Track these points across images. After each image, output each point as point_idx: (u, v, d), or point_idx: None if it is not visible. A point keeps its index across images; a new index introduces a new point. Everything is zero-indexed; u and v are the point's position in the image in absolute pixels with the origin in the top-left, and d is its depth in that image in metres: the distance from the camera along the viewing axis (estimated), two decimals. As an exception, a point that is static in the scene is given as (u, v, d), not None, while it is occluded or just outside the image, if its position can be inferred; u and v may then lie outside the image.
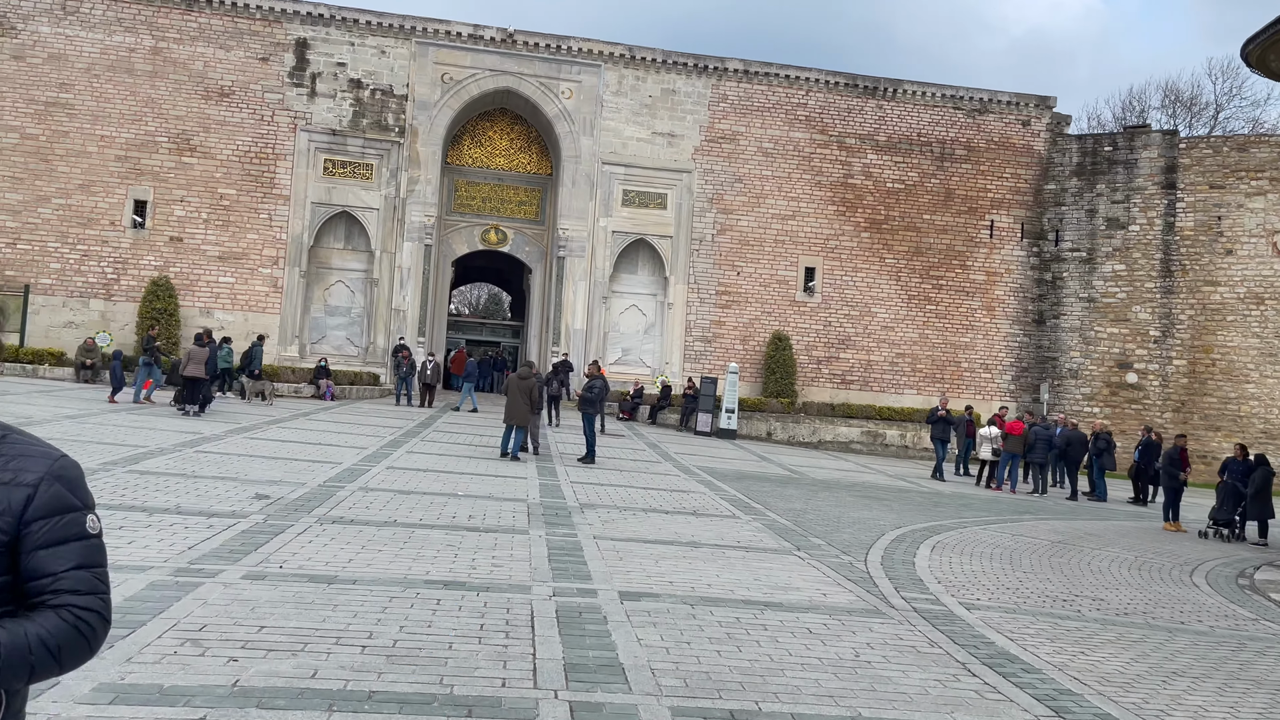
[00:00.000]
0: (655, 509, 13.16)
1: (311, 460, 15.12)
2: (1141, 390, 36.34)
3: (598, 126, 35.44)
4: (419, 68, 34.41)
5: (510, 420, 17.28)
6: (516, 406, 17.06)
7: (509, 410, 17.28)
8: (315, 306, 34.35)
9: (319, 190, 33.78)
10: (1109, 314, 36.94)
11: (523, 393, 17.14)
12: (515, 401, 17.08)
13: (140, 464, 13.09)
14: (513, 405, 17.16)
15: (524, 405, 17.18)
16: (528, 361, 18.52)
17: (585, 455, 18.35)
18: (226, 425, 19.07)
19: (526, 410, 17.32)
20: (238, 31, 33.47)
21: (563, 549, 9.52)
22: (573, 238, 35.23)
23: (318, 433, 19.46)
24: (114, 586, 6.42)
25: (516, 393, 17.12)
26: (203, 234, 32.89)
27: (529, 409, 17.41)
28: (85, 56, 32.50)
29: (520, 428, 17.38)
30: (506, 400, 17.59)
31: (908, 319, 37.38)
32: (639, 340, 36.49)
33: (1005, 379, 37.91)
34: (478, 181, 36.72)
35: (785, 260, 36.70)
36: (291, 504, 11.00)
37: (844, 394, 36.44)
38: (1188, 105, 53.17)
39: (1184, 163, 36.21)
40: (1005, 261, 38.02)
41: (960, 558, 11.58)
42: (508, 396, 17.51)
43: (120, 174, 32.41)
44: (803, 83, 37.02)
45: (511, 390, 17.28)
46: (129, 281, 32.21)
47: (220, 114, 33.18)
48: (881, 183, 37.40)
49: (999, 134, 38.13)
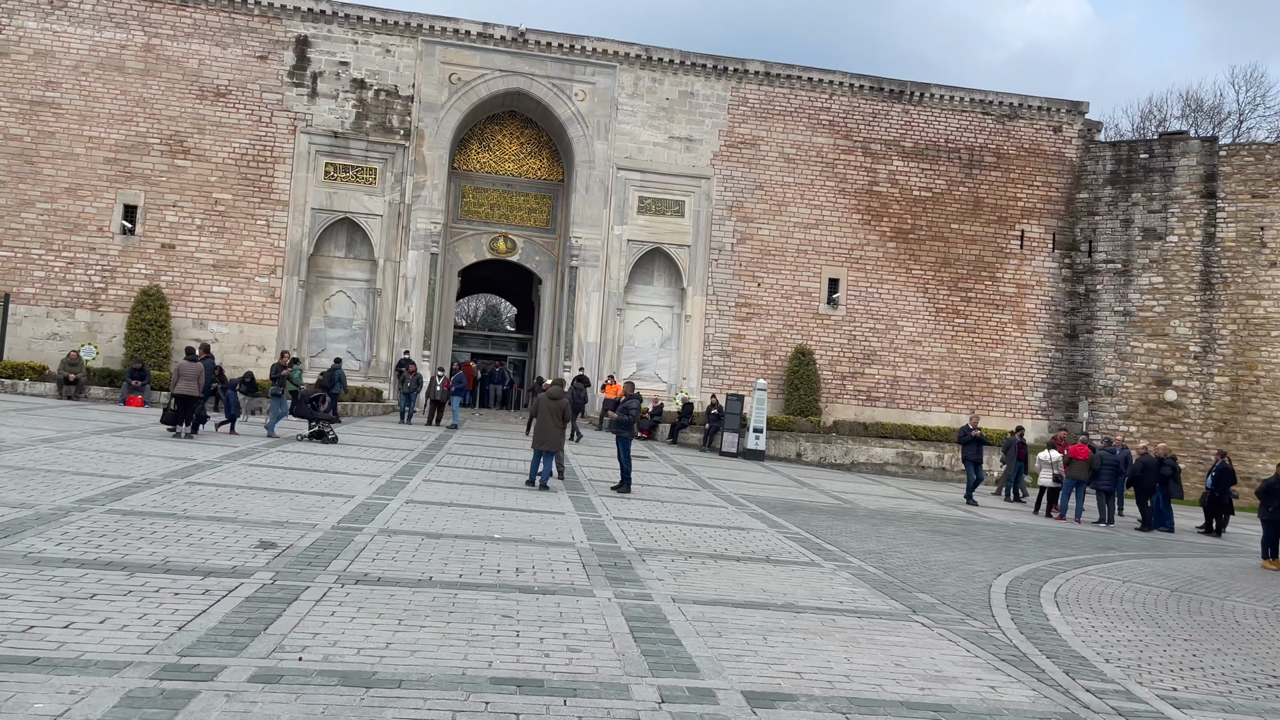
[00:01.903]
0: (722, 554, 11.36)
1: (320, 493, 13.29)
2: (1181, 409, 34.67)
3: (612, 130, 33.76)
4: (425, 67, 32.72)
5: (541, 445, 15.44)
6: (548, 430, 15.25)
7: (539, 434, 15.45)
8: (315, 318, 32.54)
9: (319, 195, 32.01)
10: (1146, 328, 35.30)
11: (554, 415, 15.32)
12: (546, 424, 15.25)
13: (124, 500, 11.26)
14: (544, 428, 15.34)
15: (557, 428, 15.36)
16: (558, 380, 16.67)
17: (620, 484, 16.54)
18: (221, 449, 17.22)
19: (560, 434, 15.50)
20: (235, 28, 31.74)
21: (644, 620, 7.72)
22: (586, 246, 33.50)
23: (322, 457, 17.61)
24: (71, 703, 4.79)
25: (548, 415, 15.29)
26: (196, 241, 31.06)
27: (562, 432, 15.59)
28: (73, 53, 30.73)
29: (550, 453, 15.55)
30: (536, 423, 15.76)
31: (935, 333, 35.70)
32: (654, 354, 34.73)
33: (1036, 396, 36.24)
34: (486, 188, 34.98)
35: (808, 271, 35.01)
36: (303, 555, 9.19)
37: (869, 411, 34.73)
38: (1210, 114, 51.76)
39: (1224, 170, 34.66)
40: (1036, 273, 36.40)
41: (1094, 617, 9.81)
42: (537, 418, 15.67)
43: (109, 177, 30.60)
44: (826, 86, 35.42)
45: (542, 412, 15.45)
46: (117, 291, 30.36)
47: (216, 115, 31.41)
48: (908, 190, 35.77)
49: (1029, 140, 36.56)
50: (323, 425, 20.06)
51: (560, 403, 15.57)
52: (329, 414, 20.68)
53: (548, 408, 15.39)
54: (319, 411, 20.34)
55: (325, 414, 20.45)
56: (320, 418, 20.15)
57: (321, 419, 20.16)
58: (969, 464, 23.07)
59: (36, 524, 9.46)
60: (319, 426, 20.04)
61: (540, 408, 15.57)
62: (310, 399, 20.36)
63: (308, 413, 20.16)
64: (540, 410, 15.52)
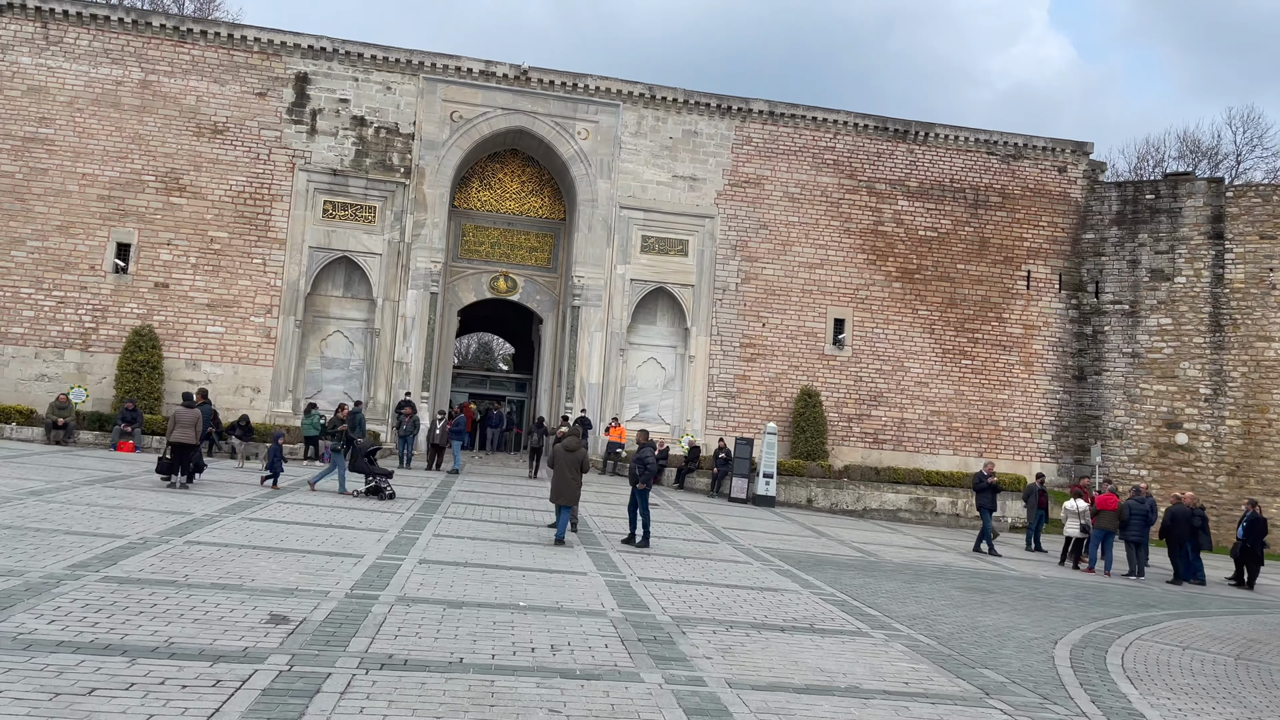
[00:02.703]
0: (764, 623, 10.62)
1: (328, 552, 12.51)
2: (1192, 452, 34.12)
3: (615, 169, 33.33)
4: (427, 105, 32.27)
5: (559, 499, 14.69)
6: (566, 482, 14.51)
7: (557, 487, 14.71)
8: (311, 358, 31.76)
9: (317, 234, 31.38)
10: (1155, 370, 34.84)
11: (572, 466, 14.59)
12: (565, 477, 14.51)
13: (120, 564, 10.47)
14: (562, 481, 14.59)
15: (574, 481, 14.62)
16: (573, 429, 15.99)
17: (640, 539, 15.74)
18: (220, 501, 16.40)
19: (577, 486, 14.75)
20: (234, 65, 31.27)
21: (704, 714, 6.97)
22: (589, 286, 32.92)
23: (325, 509, 16.82)
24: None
25: (565, 466, 14.55)
26: (190, 280, 30.34)
27: (579, 484, 14.84)
28: (68, 89, 30.17)
29: (567, 506, 14.79)
30: (554, 475, 15.01)
31: (942, 374, 35.15)
32: (658, 395, 34.03)
33: (1045, 439, 35.65)
34: (486, 226, 34.43)
35: (813, 311, 34.49)
36: (319, 631, 8.41)
37: (877, 454, 34.06)
38: (1208, 155, 51.80)
39: (1232, 212, 34.42)
40: (1043, 314, 35.97)
41: (1175, 697, 9.10)
42: (554, 471, 14.92)
43: (102, 215, 29.92)
44: (830, 125, 35.14)
45: (560, 464, 14.71)
46: (108, 331, 29.56)
47: (213, 152, 30.84)
48: (913, 230, 35.40)
49: (1034, 180, 36.31)
50: (380, 480, 18.90)
51: (578, 454, 14.85)
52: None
53: (565, 459, 14.67)
54: (376, 465, 19.24)
55: (383, 469, 19.39)
56: (378, 472, 19.00)
57: (379, 474, 19.00)
58: (984, 511, 22.41)
59: (27, 596, 8.67)
60: (376, 482, 18.87)
61: (557, 460, 14.84)
62: (367, 452, 19.20)
63: (365, 467, 18.96)
64: (557, 462, 14.78)
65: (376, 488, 18.89)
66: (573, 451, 14.86)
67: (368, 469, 19.02)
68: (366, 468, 19.02)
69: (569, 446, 14.96)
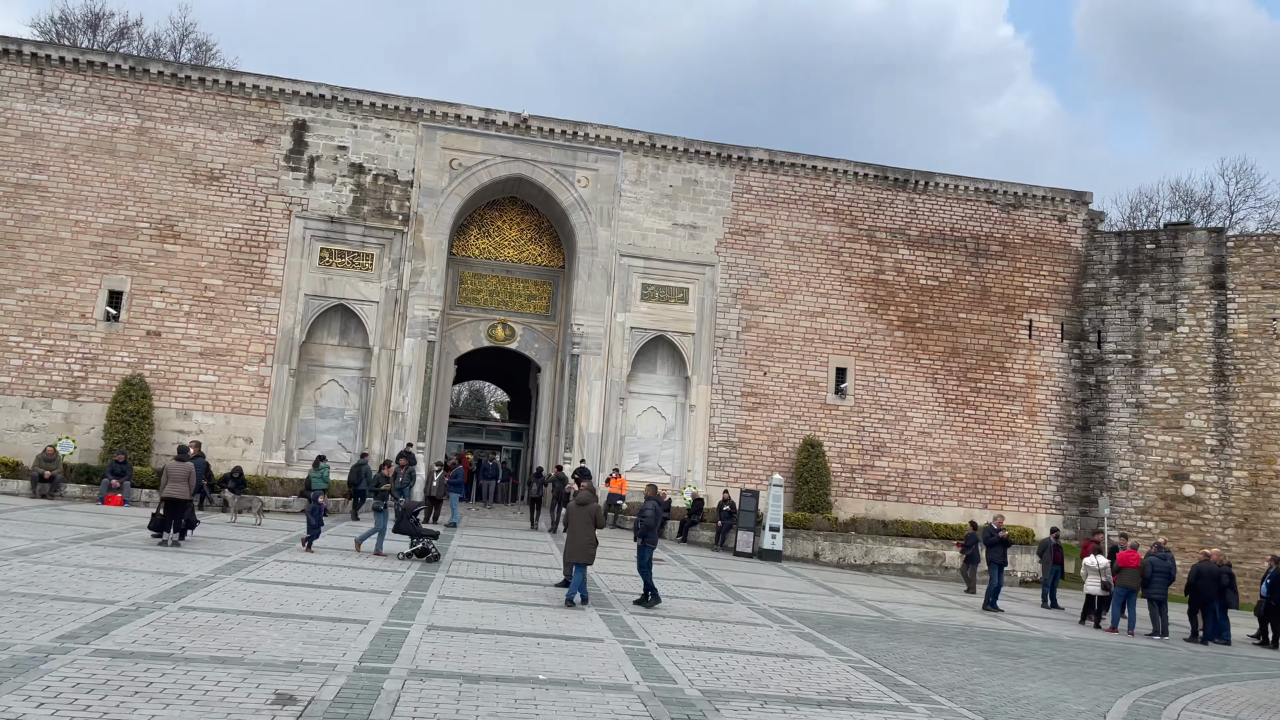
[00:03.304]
0: (797, 697, 10.01)
1: (331, 618, 11.86)
2: (1200, 504, 33.66)
3: (615, 216, 33.09)
4: (426, 152, 32.04)
5: (573, 558, 14.09)
6: (580, 541, 13.91)
7: (572, 547, 14.11)
8: (305, 408, 31.12)
9: (313, 281, 30.92)
10: (1159, 421, 34.49)
11: (586, 523, 14.01)
12: (579, 535, 13.92)
13: (111, 635, 9.82)
14: (576, 540, 14.00)
15: (588, 539, 14.03)
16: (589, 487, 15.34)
17: (649, 598, 15.13)
18: (214, 560, 15.72)
19: (591, 544, 14.15)
20: (231, 112, 31.02)
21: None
22: (588, 334, 32.48)
23: (324, 568, 16.15)
24: None
25: (580, 524, 13.98)
26: (183, 328, 29.78)
27: (594, 542, 14.24)
28: (63, 136, 29.82)
29: (582, 565, 14.17)
30: (567, 534, 14.41)
31: (945, 424, 34.72)
32: (658, 445, 33.45)
33: (1050, 490, 35.17)
34: (485, 274, 34.05)
35: (815, 360, 34.11)
36: (329, 713, 7.79)
37: (880, 506, 33.50)
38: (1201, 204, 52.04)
39: (1233, 261, 34.34)
40: (1046, 363, 35.68)
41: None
42: (569, 529, 14.34)
43: (95, 262, 29.41)
44: (830, 174, 35.06)
45: (574, 522, 14.14)
46: (98, 380, 28.90)
47: (209, 198, 30.45)
48: (914, 279, 35.19)
49: (1035, 229, 36.24)
50: (426, 542, 18.04)
51: (591, 508, 14.28)
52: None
53: (579, 516, 14.10)
54: (421, 526, 18.38)
55: (429, 529, 18.55)
56: (424, 533, 18.12)
57: (425, 535, 18.13)
58: (994, 567, 21.81)
59: (13, 674, 8.03)
60: (423, 543, 17.99)
61: (572, 518, 14.27)
62: (413, 513, 18.31)
63: (410, 528, 18.05)
64: (572, 521, 14.21)
65: (422, 549, 17.97)
66: (585, 505, 14.29)
67: (414, 530, 18.08)
68: (412, 529, 18.09)
69: (581, 500, 14.40)
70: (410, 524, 18.12)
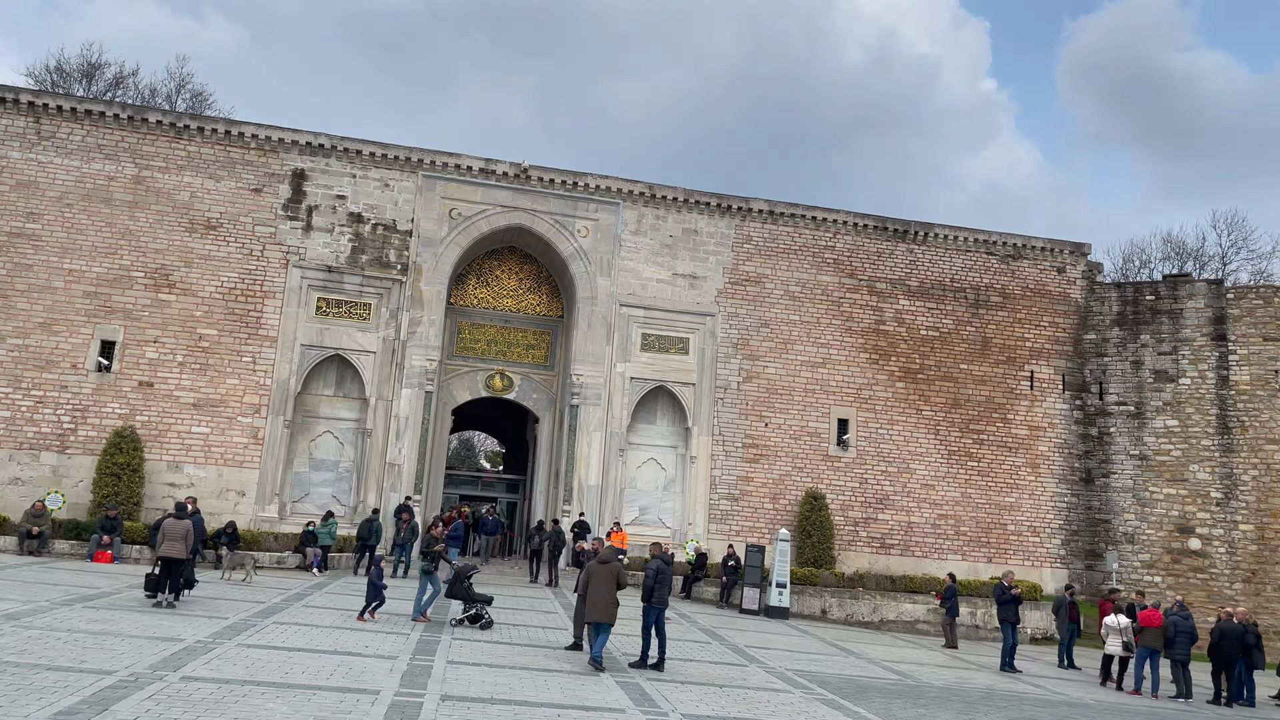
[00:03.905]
0: (839, 774, 9.48)
1: (340, 687, 11.28)
2: (1206, 558, 33.24)
3: (615, 266, 32.89)
4: (425, 202, 31.85)
5: (594, 618, 13.55)
6: (602, 601, 13.38)
7: (593, 605, 13.58)
8: (299, 460, 30.50)
9: (310, 331, 30.49)
10: (1164, 473, 34.19)
11: (608, 582, 13.49)
12: (600, 594, 13.41)
13: (111, 710, 9.24)
14: (598, 599, 13.48)
15: (611, 598, 13.49)
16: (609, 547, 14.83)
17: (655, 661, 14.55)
18: (211, 623, 15.09)
19: (613, 604, 13.61)
20: (230, 161, 30.80)
21: None
22: (588, 384, 32.08)
23: (326, 630, 15.53)
24: None
25: (601, 583, 13.47)
26: (177, 378, 29.24)
27: (616, 601, 13.70)
28: (58, 184, 29.50)
29: (604, 625, 13.61)
30: (589, 593, 13.88)
31: (949, 476, 34.34)
32: (658, 497, 32.92)
33: (1055, 543, 34.72)
34: (483, 323, 33.70)
35: (816, 411, 33.76)
36: (353, 801, 7.24)
37: (884, 560, 32.98)
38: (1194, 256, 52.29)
39: (1233, 313, 34.31)
40: (1048, 415, 35.44)
41: None
42: (590, 588, 13.82)
43: (88, 311, 28.93)
44: (830, 225, 35.03)
45: (595, 580, 13.62)
46: (88, 432, 28.27)
47: (205, 248, 30.11)
48: (915, 330, 35.02)
49: (1034, 280, 36.22)
50: (480, 607, 17.26)
51: (613, 566, 13.76)
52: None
53: (601, 575, 13.59)
54: (474, 591, 17.54)
55: (482, 595, 17.68)
56: (479, 598, 17.31)
57: (480, 600, 17.30)
58: (1006, 625, 21.29)
59: (9, 759, 7.47)
60: (476, 609, 17.22)
61: (592, 577, 13.75)
62: (466, 576, 17.48)
63: (464, 593, 17.24)
64: (592, 579, 13.70)
65: (476, 615, 17.18)
66: (607, 564, 13.78)
67: (468, 595, 17.24)
68: (466, 593, 17.29)
69: (604, 559, 13.90)
70: (464, 589, 17.24)
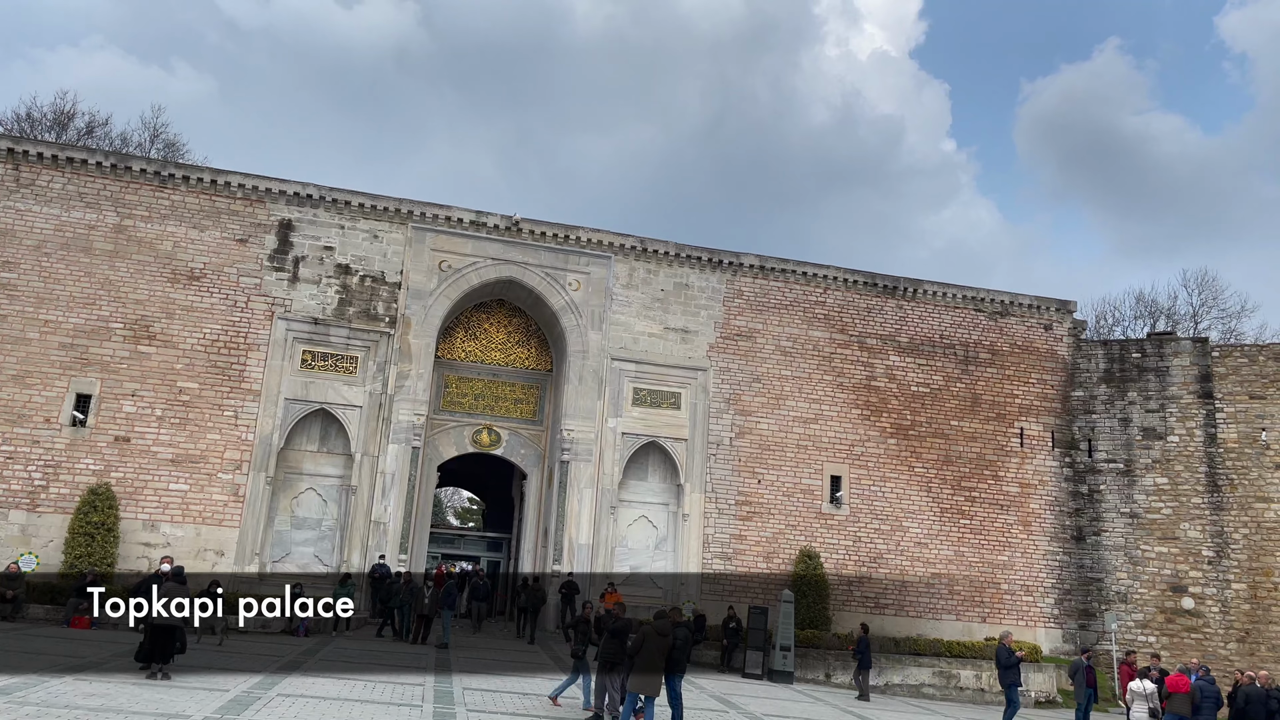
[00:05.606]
0: None
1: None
2: (1200, 618, 33.04)
3: (607, 320, 32.48)
4: (415, 254, 31.33)
5: (642, 689, 12.75)
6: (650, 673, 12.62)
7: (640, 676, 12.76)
8: (280, 518, 29.43)
9: (294, 385, 29.64)
10: (1155, 531, 34.09)
11: (662, 653, 12.74)
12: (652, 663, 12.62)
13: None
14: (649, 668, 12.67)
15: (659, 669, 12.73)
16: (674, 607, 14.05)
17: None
18: (213, 696, 14.13)
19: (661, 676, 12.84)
20: (215, 210, 30.13)
21: None
22: (578, 440, 31.44)
23: (329, 701, 14.63)
24: None
25: (655, 652, 12.69)
26: (155, 433, 28.17)
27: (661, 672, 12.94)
28: (36, 233, 28.61)
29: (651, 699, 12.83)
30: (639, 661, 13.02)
31: (942, 534, 33.97)
32: (649, 556, 32.15)
33: (1048, 602, 34.36)
34: (470, 377, 33.05)
35: (809, 467, 33.34)
36: None
37: (879, 620, 32.30)
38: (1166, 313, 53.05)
39: (1219, 371, 34.59)
40: (1038, 472, 35.31)
41: None
42: (642, 655, 12.96)
43: (63, 364, 27.88)
44: (820, 280, 34.98)
45: (649, 648, 12.80)
46: (60, 489, 27.06)
47: (187, 298, 29.27)
48: (906, 385, 34.88)
49: (1022, 337, 36.34)
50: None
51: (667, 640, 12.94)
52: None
53: (656, 644, 12.78)
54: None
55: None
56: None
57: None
58: (1011, 689, 20.77)
59: None
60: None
61: (648, 643, 12.89)
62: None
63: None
64: (647, 646, 12.86)
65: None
66: (664, 636, 12.97)
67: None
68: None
69: (661, 630, 13.00)
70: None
